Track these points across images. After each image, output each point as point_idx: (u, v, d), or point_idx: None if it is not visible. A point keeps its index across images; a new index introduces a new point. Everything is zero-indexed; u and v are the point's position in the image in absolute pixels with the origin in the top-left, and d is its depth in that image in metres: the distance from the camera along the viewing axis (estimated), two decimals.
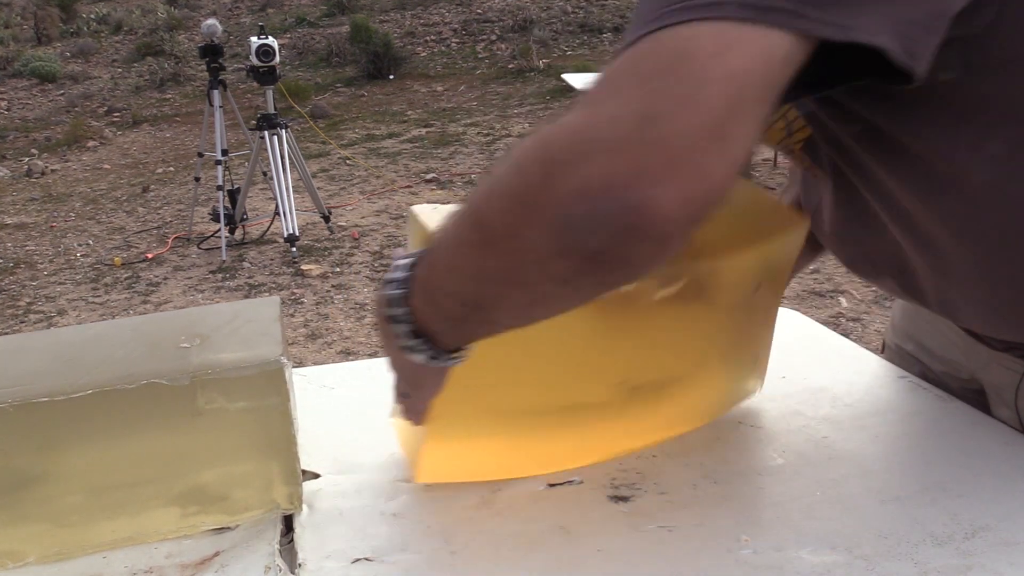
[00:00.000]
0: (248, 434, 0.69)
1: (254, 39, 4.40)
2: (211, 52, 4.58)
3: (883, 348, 1.06)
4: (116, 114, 9.77)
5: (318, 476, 0.79)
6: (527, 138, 0.48)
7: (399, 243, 4.49)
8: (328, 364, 1.08)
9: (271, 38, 4.41)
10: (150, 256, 4.71)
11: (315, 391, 0.96)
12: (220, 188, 4.57)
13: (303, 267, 4.33)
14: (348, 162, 6.62)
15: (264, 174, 4.80)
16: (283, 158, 4.41)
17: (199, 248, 4.80)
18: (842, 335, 1.11)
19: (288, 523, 0.72)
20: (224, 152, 4.56)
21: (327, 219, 4.81)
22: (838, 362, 0.99)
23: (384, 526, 0.71)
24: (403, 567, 0.66)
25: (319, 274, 4.26)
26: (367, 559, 0.67)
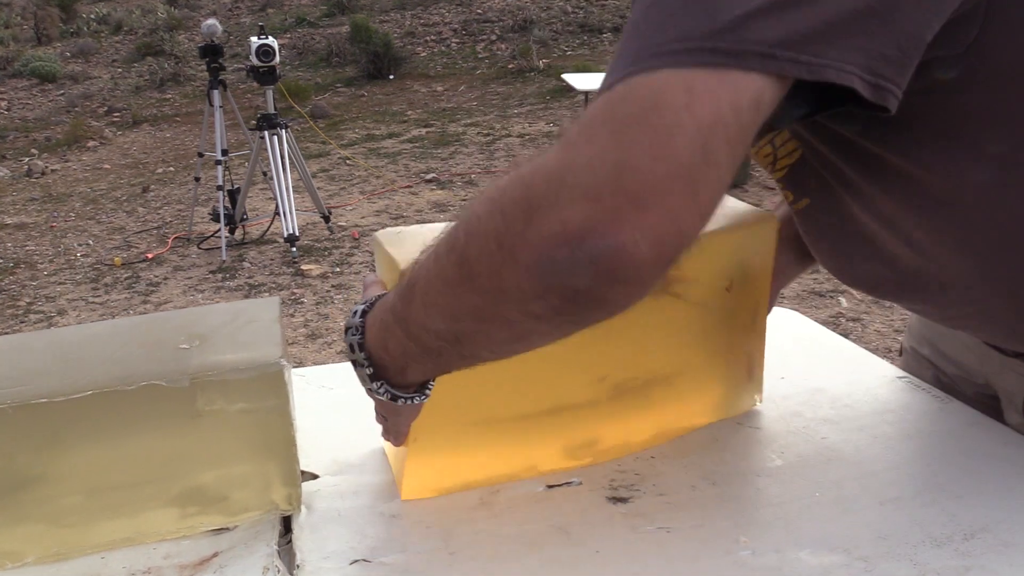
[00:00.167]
0: (247, 435, 0.69)
1: (254, 39, 4.40)
2: (211, 52, 4.58)
3: (900, 352, 1.06)
4: (116, 114, 9.77)
5: (317, 477, 0.79)
6: (506, 176, 0.50)
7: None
8: (328, 364, 1.08)
9: (271, 38, 4.42)
10: (150, 256, 4.71)
11: (315, 391, 0.96)
12: (220, 188, 4.57)
13: (303, 267, 4.33)
14: (348, 162, 6.62)
15: (264, 174, 4.80)
16: (283, 158, 4.41)
17: (199, 248, 4.80)
18: (842, 335, 1.11)
19: (287, 524, 0.72)
20: (224, 152, 4.56)
21: (327, 219, 4.81)
22: (838, 363, 0.99)
23: (383, 527, 0.71)
24: (402, 568, 0.66)
25: (319, 274, 4.26)
26: (365, 560, 0.67)
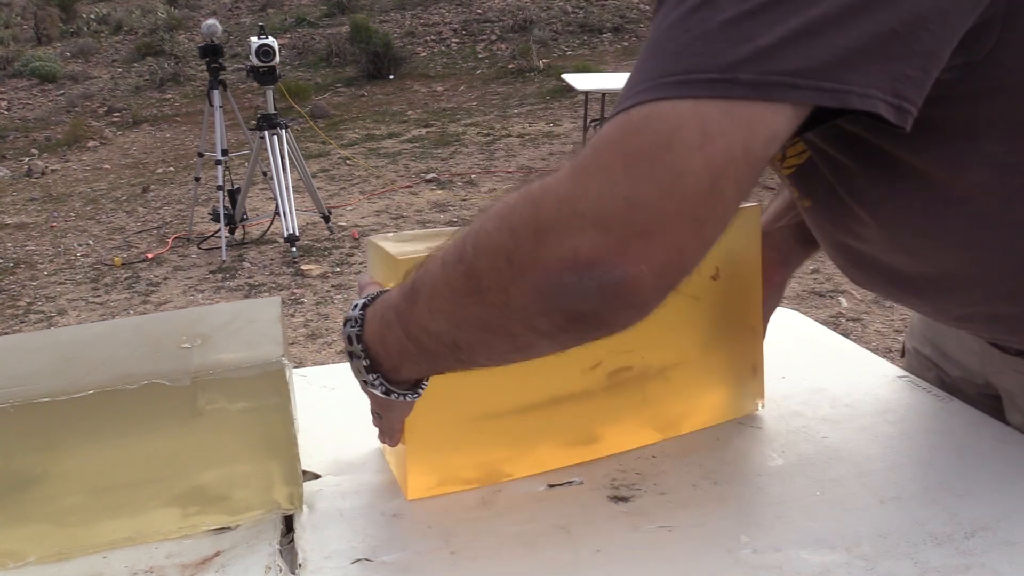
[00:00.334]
0: (249, 434, 0.69)
1: (254, 39, 4.41)
2: (211, 52, 4.59)
3: (903, 352, 1.06)
4: (116, 114, 9.77)
5: (318, 476, 0.79)
6: (515, 193, 0.51)
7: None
8: (328, 364, 1.08)
9: (271, 38, 4.42)
10: (150, 256, 4.72)
11: (315, 391, 0.96)
12: (220, 188, 4.57)
13: (303, 267, 4.34)
14: (348, 162, 6.62)
15: (264, 174, 4.81)
16: (283, 158, 4.42)
17: (199, 248, 4.80)
18: (842, 335, 1.11)
19: (288, 523, 0.72)
20: (224, 152, 4.56)
21: (327, 219, 4.82)
22: (838, 362, 0.99)
23: (384, 526, 0.71)
24: (403, 567, 0.66)
25: (319, 274, 4.26)
26: (367, 559, 0.67)
